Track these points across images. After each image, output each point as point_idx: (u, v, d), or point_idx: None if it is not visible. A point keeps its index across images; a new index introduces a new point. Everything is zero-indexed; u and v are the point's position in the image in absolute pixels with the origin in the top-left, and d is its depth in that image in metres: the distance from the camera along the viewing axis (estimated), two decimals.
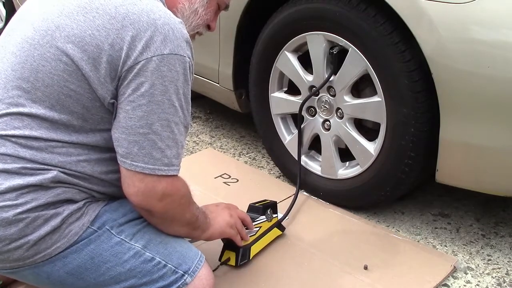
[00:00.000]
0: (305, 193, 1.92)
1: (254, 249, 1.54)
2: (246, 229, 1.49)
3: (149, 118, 1.07)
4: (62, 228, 1.09)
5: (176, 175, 1.13)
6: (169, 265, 1.16)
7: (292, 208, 1.78)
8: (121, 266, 1.13)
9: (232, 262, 1.50)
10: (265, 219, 1.58)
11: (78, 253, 1.11)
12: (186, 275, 1.17)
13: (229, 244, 1.51)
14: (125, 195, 1.11)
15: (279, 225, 1.65)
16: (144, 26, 1.06)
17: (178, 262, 1.17)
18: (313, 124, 1.85)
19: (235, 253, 1.50)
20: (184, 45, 1.10)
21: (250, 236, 1.53)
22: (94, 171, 1.13)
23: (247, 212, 1.58)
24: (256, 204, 1.61)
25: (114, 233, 1.14)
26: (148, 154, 1.07)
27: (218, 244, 1.54)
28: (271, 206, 1.62)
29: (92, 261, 1.12)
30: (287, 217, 1.74)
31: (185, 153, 2.26)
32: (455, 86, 1.41)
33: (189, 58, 1.11)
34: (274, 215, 1.63)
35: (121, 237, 1.14)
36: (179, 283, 1.17)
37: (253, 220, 1.54)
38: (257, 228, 1.55)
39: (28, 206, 1.05)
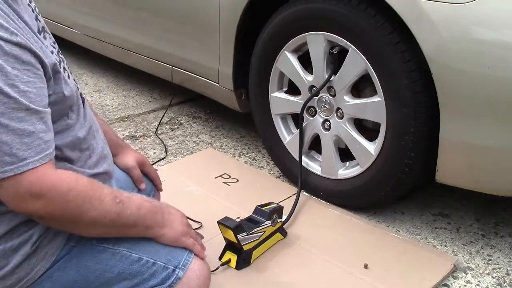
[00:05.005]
0: (305, 193, 1.91)
1: (255, 254, 1.55)
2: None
3: None
4: (37, 252, 1.07)
5: (43, 169, 0.96)
6: (158, 263, 1.13)
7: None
8: (110, 271, 1.12)
9: (233, 264, 1.51)
10: (270, 224, 1.58)
11: (62, 270, 1.10)
12: (178, 270, 1.14)
13: (231, 245, 1.51)
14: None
15: (281, 229, 1.65)
16: None
17: (167, 258, 1.14)
18: (313, 124, 1.85)
19: (237, 256, 1.50)
20: None
21: (253, 241, 1.53)
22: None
23: (252, 214, 1.58)
24: (263, 208, 1.59)
25: (94, 243, 1.11)
26: None
27: (219, 244, 1.54)
28: (277, 211, 1.61)
29: (78, 273, 1.10)
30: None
31: (185, 153, 2.26)
32: (455, 86, 1.41)
33: None
34: (279, 220, 1.62)
35: (103, 245, 1.12)
36: (172, 278, 1.14)
37: (258, 223, 1.54)
38: (261, 233, 1.55)
39: None
